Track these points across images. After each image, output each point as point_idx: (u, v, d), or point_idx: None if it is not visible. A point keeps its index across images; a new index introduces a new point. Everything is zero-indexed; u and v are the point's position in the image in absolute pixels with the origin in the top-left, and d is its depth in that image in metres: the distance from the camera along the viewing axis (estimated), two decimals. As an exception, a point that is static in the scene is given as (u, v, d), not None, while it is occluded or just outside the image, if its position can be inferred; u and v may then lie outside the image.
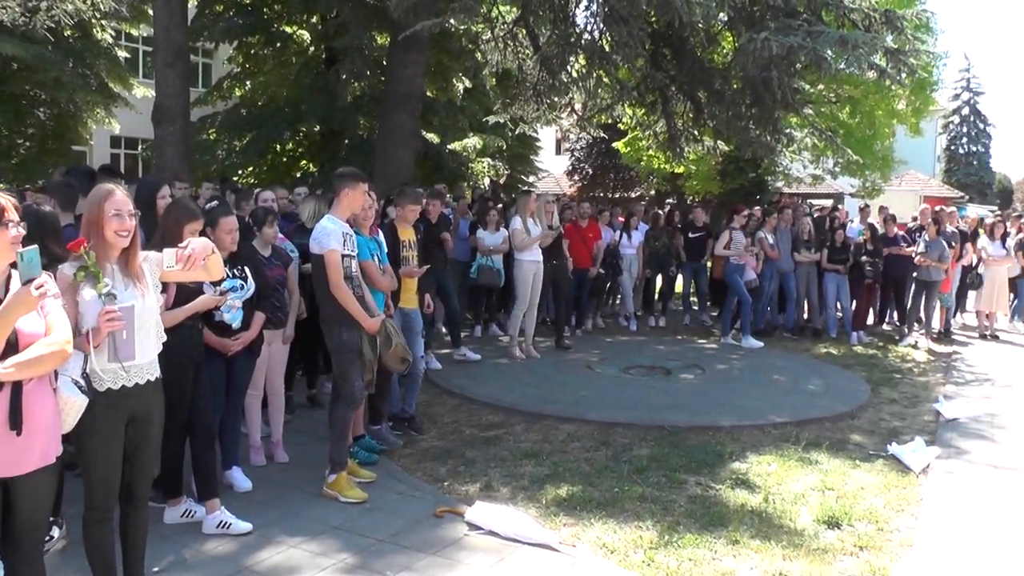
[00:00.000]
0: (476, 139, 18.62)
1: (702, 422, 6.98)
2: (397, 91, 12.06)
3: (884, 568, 4.36)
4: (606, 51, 11.18)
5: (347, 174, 5.46)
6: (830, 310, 11.92)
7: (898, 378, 9.35)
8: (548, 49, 11.35)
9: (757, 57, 9.57)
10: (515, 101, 13.16)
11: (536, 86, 12.33)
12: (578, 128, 15.48)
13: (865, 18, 10.56)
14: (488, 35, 12.55)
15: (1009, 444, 6.87)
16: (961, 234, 12.76)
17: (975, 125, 67.15)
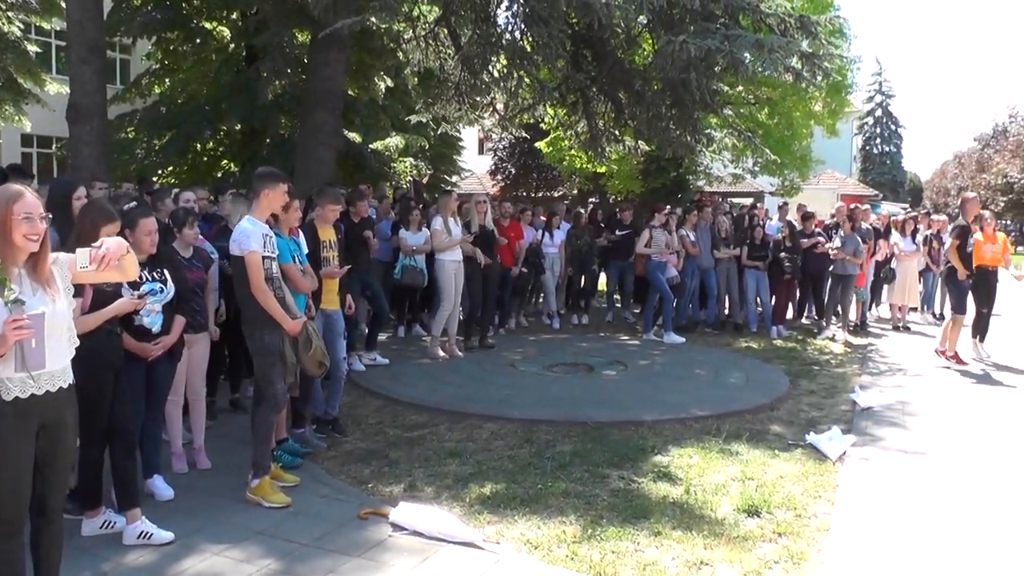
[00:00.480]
0: (398, 138, 18.56)
1: (625, 417, 7.08)
2: (318, 89, 11.97)
3: (801, 552, 4.50)
4: (527, 52, 11.27)
5: (267, 174, 5.40)
6: (750, 305, 12.26)
7: (816, 370, 9.66)
8: (469, 49, 11.38)
9: (676, 59, 9.76)
10: (437, 101, 13.16)
11: (458, 86, 12.35)
12: (500, 128, 15.54)
13: (781, 23, 10.85)
14: (410, 34, 12.51)
15: (919, 430, 7.15)
16: (875, 231, 13.23)
17: (888, 126, 69.76)
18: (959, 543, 4.70)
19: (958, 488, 5.66)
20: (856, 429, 7.04)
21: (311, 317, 5.92)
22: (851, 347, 11.32)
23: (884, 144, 69.66)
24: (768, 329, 11.95)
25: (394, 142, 18.47)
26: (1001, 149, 38.27)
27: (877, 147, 69.22)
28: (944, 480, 5.83)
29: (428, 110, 13.79)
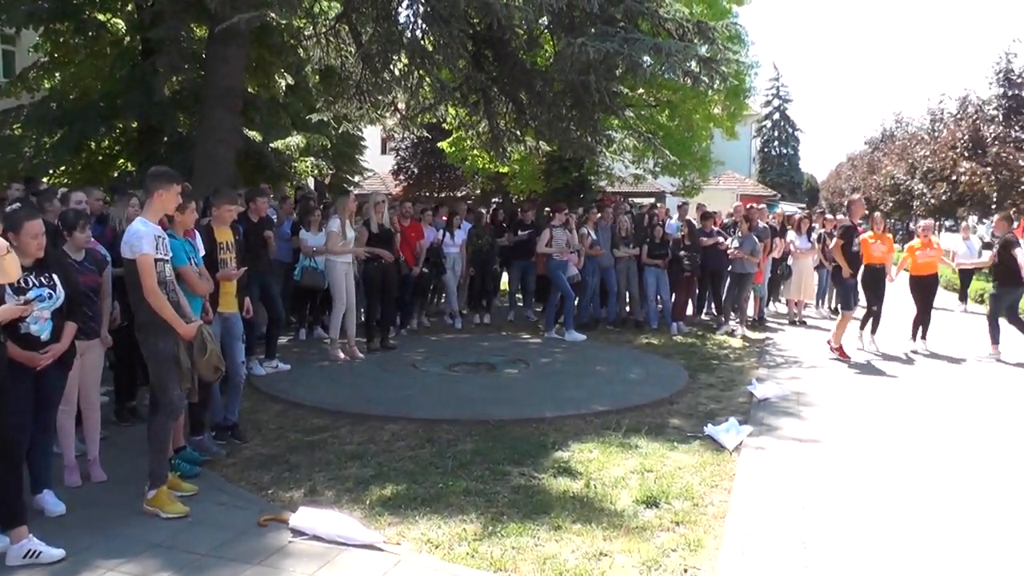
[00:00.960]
0: (299, 137, 18.21)
1: (526, 415, 7.16)
2: (217, 86, 11.68)
3: (698, 540, 4.64)
4: (428, 51, 11.26)
5: (159, 174, 5.24)
6: (650, 303, 12.48)
7: (715, 364, 9.94)
8: (370, 47, 11.31)
9: (575, 61, 9.91)
10: (338, 99, 13.02)
11: (359, 84, 12.23)
12: (402, 128, 15.43)
13: (679, 27, 11.09)
14: (310, 31, 12.36)
15: (814, 419, 7.47)
16: (771, 229, 13.66)
17: (785, 130, 72.13)
18: (850, 525, 4.91)
19: (850, 473, 5.93)
20: (753, 420, 7.29)
21: (208, 321, 5.80)
22: (749, 341, 11.69)
23: (782, 146, 71.97)
24: (668, 326, 12.23)
25: (295, 141, 18.11)
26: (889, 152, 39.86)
27: (775, 149, 71.48)
28: (836, 466, 6.09)
29: (329, 109, 13.63)
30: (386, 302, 10.33)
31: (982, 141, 24.15)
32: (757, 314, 13.37)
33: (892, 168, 34.62)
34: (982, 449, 6.65)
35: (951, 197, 25.26)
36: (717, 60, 11.27)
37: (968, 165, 23.90)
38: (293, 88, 18.00)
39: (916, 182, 29.44)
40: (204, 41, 13.17)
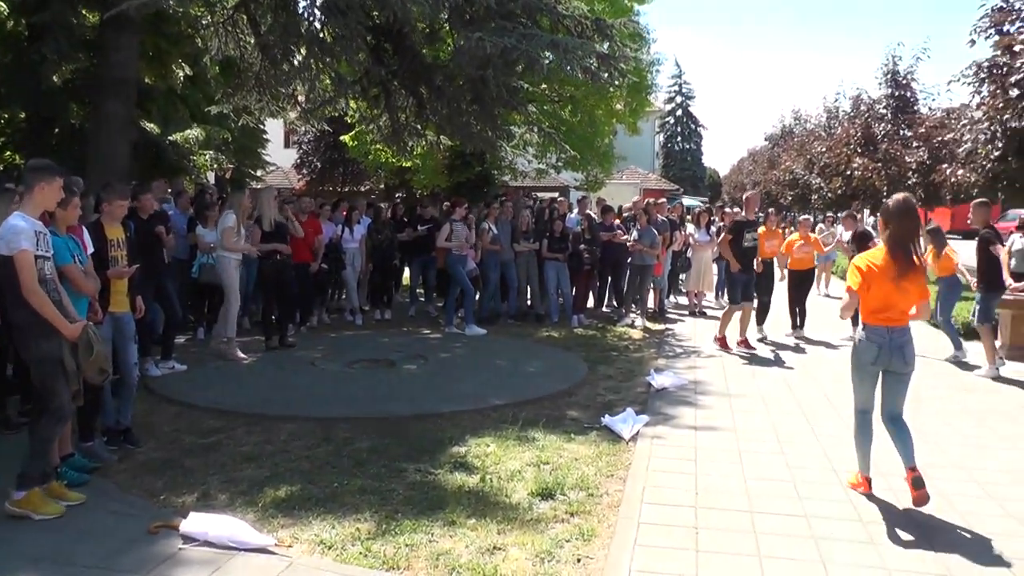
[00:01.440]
0: (199, 130, 17.68)
1: (424, 411, 7.14)
2: (110, 76, 11.26)
3: (592, 529, 4.71)
4: (327, 43, 11.10)
5: (40, 167, 5.02)
6: (551, 296, 12.61)
7: (615, 355, 10.10)
8: (269, 37, 11.08)
9: (473, 56, 9.92)
10: (238, 91, 12.71)
11: (258, 75, 11.98)
12: (302, 121, 15.17)
13: (578, 24, 11.21)
14: (207, 20, 12.03)
15: (710, 407, 7.66)
16: (670, 223, 13.92)
17: (688, 126, 73.78)
18: (743, 510, 5.06)
19: (744, 459, 6.09)
20: (650, 409, 7.42)
21: (98, 321, 5.59)
22: (649, 333, 11.91)
23: (685, 142, 73.59)
24: (569, 319, 12.36)
25: (194, 134, 17.57)
26: (788, 148, 41.02)
27: (678, 145, 73.03)
28: (731, 452, 6.25)
29: (229, 100, 13.29)
30: (283, 299, 10.15)
31: (873, 138, 25.10)
32: (657, 306, 13.64)
33: (791, 163, 35.67)
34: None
35: (846, 191, 26.14)
36: (616, 57, 11.42)
37: (861, 161, 24.80)
38: (192, 79, 17.45)
39: (814, 176, 30.38)
40: (97, 28, 12.65)
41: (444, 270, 12.05)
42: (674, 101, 73.27)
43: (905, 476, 5.22)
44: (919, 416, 7.63)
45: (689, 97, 74.80)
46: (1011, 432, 7.12)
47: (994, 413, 7.82)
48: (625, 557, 4.33)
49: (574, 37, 10.92)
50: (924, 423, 7.40)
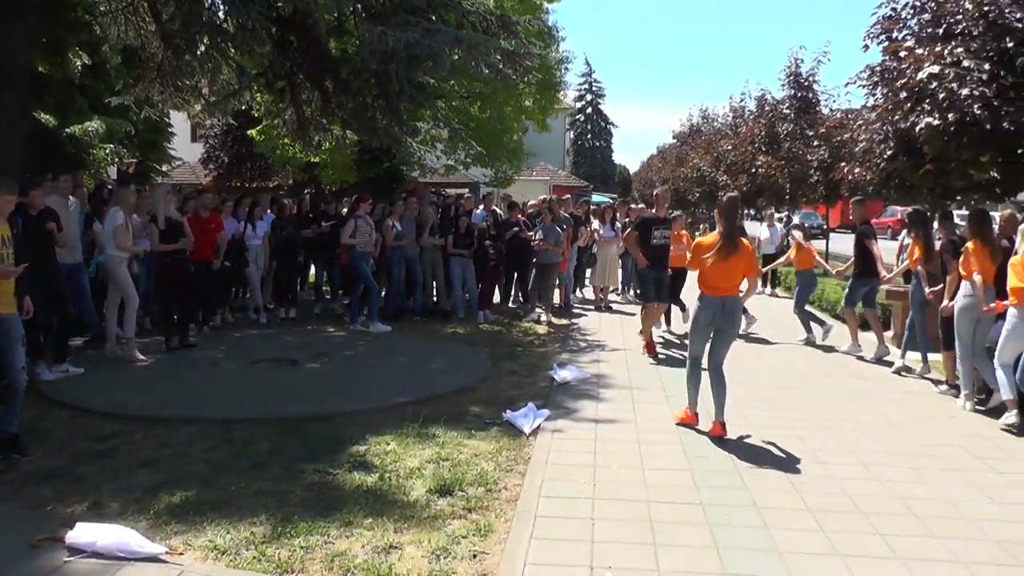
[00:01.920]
0: (99, 122, 17.04)
1: (325, 410, 7.03)
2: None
3: (489, 524, 4.71)
4: (230, 33, 10.80)
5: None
6: (457, 292, 12.55)
7: (519, 351, 10.12)
8: (171, 26, 10.72)
9: (376, 50, 9.80)
10: (139, 82, 12.28)
11: (160, 66, 11.59)
12: (206, 114, 14.71)
13: (483, 21, 11.20)
14: (106, 6, 11.57)
15: (611, 400, 7.74)
16: (575, 219, 14.02)
17: (598, 123, 74.58)
18: (639, 500, 5.11)
19: (642, 450, 6.17)
20: (552, 403, 7.45)
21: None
22: (554, 328, 11.96)
23: (595, 139, 74.40)
24: (475, 315, 12.34)
25: (94, 126, 16.90)
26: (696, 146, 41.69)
27: (588, 142, 73.80)
28: (630, 444, 6.32)
29: (130, 92, 12.82)
30: (184, 298, 9.86)
31: (777, 137, 25.65)
32: (563, 301, 13.73)
33: (699, 161, 36.27)
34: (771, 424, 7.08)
35: (751, 188, 26.68)
36: (521, 54, 11.43)
37: (764, 159, 25.34)
38: (92, 69, 16.80)
39: (720, 174, 30.94)
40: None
41: (349, 267, 11.84)
42: (584, 99, 74.01)
43: (712, 428, 6.63)
44: (813, 401, 7.95)
45: (600, 95, 75.62)
46: (895, 416, 7.45)
47: (881, 398, 8.16)
48: (520, 551, 4.33)
49: (479, 33, 10.91)
50: (817, 408, 7.70)
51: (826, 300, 13.93)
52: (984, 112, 9.47)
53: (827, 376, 9.16)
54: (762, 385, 8.61)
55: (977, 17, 10.22)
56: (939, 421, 7.37)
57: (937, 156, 10.18)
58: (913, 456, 6.25)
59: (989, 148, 9.82)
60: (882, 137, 11.42)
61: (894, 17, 11.66)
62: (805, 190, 24.25)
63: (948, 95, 9.69)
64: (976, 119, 9.51)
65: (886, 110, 11.23)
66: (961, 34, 10.37)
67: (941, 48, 10.13)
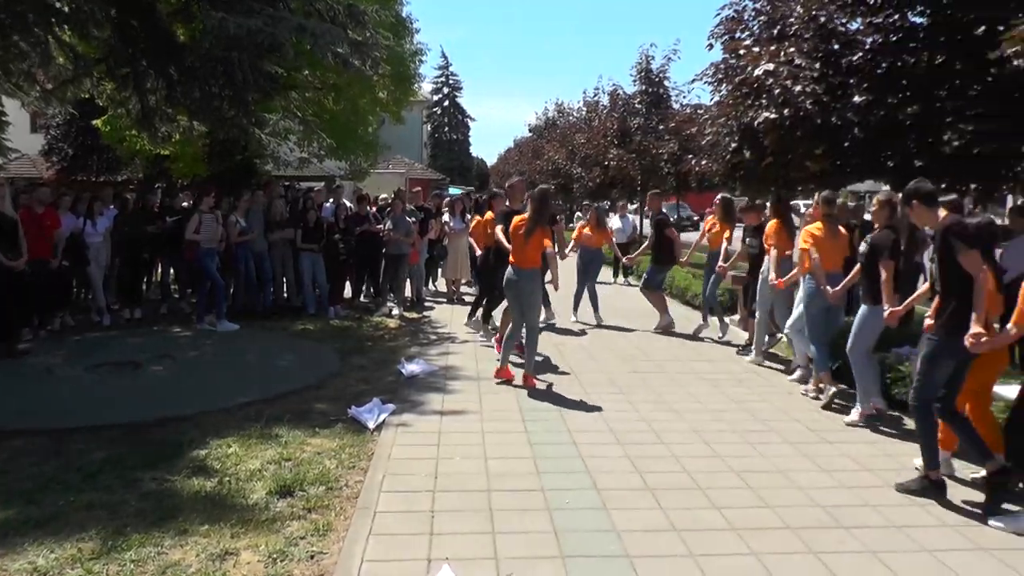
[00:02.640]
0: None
1: (166, 414, 6.72)
2: None
3: (329, 523, 4.62)
4: (64, 13, 10.12)
5: None
6: (307, 288, 12.17)
7: (369, 346, 9.96)
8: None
9: (218, 37, 9.43)
10: (-36, 66, 11.36)
11: (-12, 48, 10.74)
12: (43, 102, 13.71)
13: (330, 9, 10.94)
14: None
15: (458, 392, 7.73)
16: (425, 211, 13.93)
17: (455, 116, 74.53)
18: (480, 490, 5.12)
19: (486, 439, 6.19)
20: (398, 397, 7.38)
21: None
22: (406, 321, 11.84)
23: (452, 132, 74.37)
24: (325, 311, 12.03)
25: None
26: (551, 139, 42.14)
27: (446, 135, 73.71)
28: (474, 434, 6.33)
29: (-48, 77, 11.85)
30: (15, 300, 9.19)
31: (629, 131, 26.23)
32: (415, 295, 13.59)
33: (554, 154, 36.70)
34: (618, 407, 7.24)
35: (604, 180, 27.19)
36: (369, 45, 11.25)
37: (616, 152, 25.89)
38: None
39: (575, 166, 31.42)
40: None
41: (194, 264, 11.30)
42: (441, 92, 73.83)
43: (524, 380, 7.92)
44: (661, 384, 8.19)
45: (456, 88, 75.61)
46: (739, 395, 7.80)
47: (727, 379, 8.50)
48: (358, 549, 4.27)
49: (326, 23, 10.66)
50: (664, 390, 7.94)
51: (676, 287, 14.41)
52: (815, 107, 9.98)
53: (676, 359, 9.46)
54: (611, 370, 8.81)
55: (808, 20, 10.75)
56: (780, 398, 7.75)
57: (777, 149, 10.67)
58: (753, 432, 6.56)
59: (822, 141, 10.39)
60: (727, 131, 11.87)
61: (737, 18, 12.13)
62: (656, 182, 24.98)
63: (783, 91, 10.16)
64: (808, 114, 10.01)
65: (729, 105, 11.68)
66: (795, 35, 10.89)
67: (776, 48, 10.60)
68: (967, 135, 9.18)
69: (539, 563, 4.13)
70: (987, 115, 9.16)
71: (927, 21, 10.30)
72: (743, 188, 14.03)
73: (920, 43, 10.10)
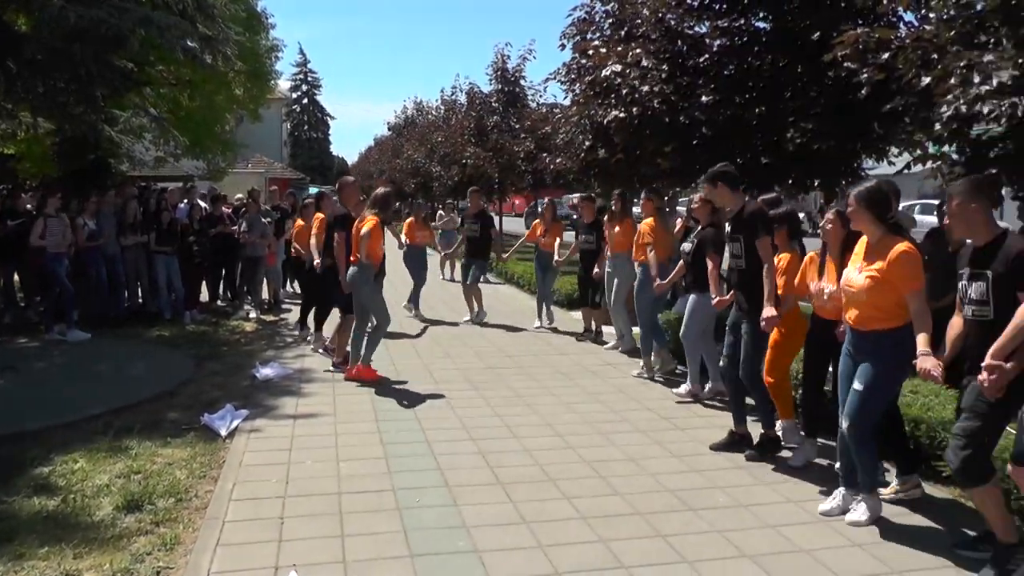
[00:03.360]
0: None
1: (5, 431, 6.27)
2: None
3: (176, 536, 4.46)
4: None
5: None
6: (162, 292, 11.62)
7: (225, 350, 9.66)
8: None
9: (57, 27, 8.94)
10: None
11: None
12: None
13: (178, 2, 10.53)
14: None
15: (313, 395, 7.62)
16: (282, 211, 13.62)
17: (314, 114, 73.09)
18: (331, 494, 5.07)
19: (339, 442, 6.13)
20: (252, 402, 7.22)
21: None
22: (263, 325, 11.55)
23: (312, 131, 72.95)
24: (181, 315, 11.52)
25: None
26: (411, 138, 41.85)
27: (306, 133, 72.23)
28: (327, 436, 6.28)
29: None
30: None
31: (485, 129, 26.30)
32: (273, 297, 13.22)
33: (413, 152, 36.42)
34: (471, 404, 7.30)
35: (462, 178, 27.19)
36: (220, 40, 10.90)
37: (474, 150, 25.92)
38: None
39: (434, 165, 31.28)
40: None
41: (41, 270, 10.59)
42: (300, 89, 72.18)
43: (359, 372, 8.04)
44: (516, 379, 8.32)
45: (316, 86, 74.15)
46: (593, 387, 8.00)
47: (581, 372, 8.71)
48: (204, 561, 4.16)
49: (174, 16, 10.27)
50: (519, 385, 8.07)
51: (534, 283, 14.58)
52: (663, 107, 10.30)
53: (531, 355, 9.62)
54: (466, 367, 8.89)
55: (655, 23, 11.07)
56: (634, 388, 8.00)
57: (627, 147, 10.96)
58: (606, 423, 6.73)
59: (670, 139, 10.72)
60: (580, 129, 12.07)
61: (588, 19, 12.37)
62: (514, 180, 25.20)
63: (631, 91, 10.40)
64: (656, 113, 10.33)
65: (581, 104, 11.91)
66: (642, 36, 11.19)
67: (624, 49, 10.86)
68: (808, 134, 9.66)
69: (387, 564, 4.14)
70: (825, 115, 9.70)
71: (770, 26, 10.76)
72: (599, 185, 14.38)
73: (764, 47, 10.54)
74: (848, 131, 9.74)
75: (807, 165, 10.37)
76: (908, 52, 6.60)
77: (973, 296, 4.12)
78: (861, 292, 4.50)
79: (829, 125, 9.63)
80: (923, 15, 7.36)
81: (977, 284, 4.10)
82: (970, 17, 6.14)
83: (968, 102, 5.76)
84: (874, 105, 8.32)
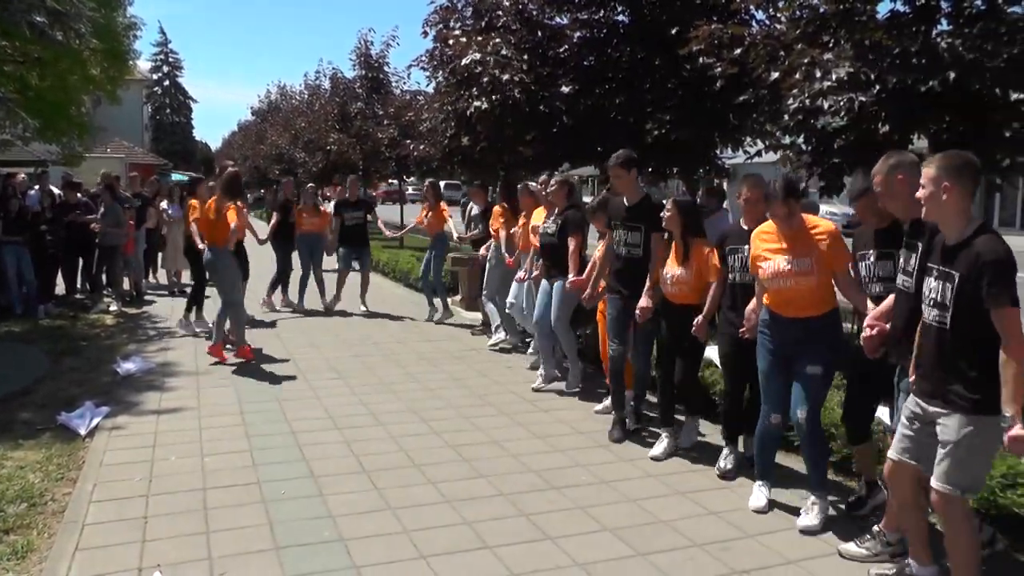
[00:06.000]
0: None
1: None
2: None
3: (29, 543, 4.19)
4: None
5: None
6: (12, 285, 10.75)
7: (84, 345, 9.11)
8: None
9: None
10: None
11: None
12: None
13: (24, -28, 9.86)
14: None
15: (177, 389, 7.31)
16: (142, 198, 12.99)
17: (176, 97, 69.61)
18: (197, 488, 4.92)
19: (203, 436, 5.95)
20: (113, 398, 6.87)
21: None
22: (124, 317, 10.94)
23: (174, 115, 69.41)
24: (34, 309, 10.69)
25: None
26: (274, 123, 40.60)
27: (168, 117, 68.65)
28: (191, 431, 6.06)
29: None
30: None
31: (349, 115, 25.80)
32: (134, 288, 12.57)
33: (277, 138, 35.35)
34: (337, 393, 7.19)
35: (327, 165, 26.62)
36: (71, 15, 10.26)
37: (337, 136, 25.40)
38: None
39: (298, 151, 30.47)
40: None
41: None
42: (161, 71, 68.59)
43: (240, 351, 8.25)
44: (383, 367, 8.26)
45: (177, 67, 70.55)
46: (458, 373, 8.01)
47: (447, 357, 8.72)
48: (62, 567, 3.93)
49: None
50: (385, 373, 8.01)
51: (399, 270, 14.54)
52: (524, 96, 10.36)
53: (400, 343, 9.53)
54: (332, 356, 8.76)
55: (515, 13, 11.11)
56: (498, 372, 8.07)
57: (490, 135, 10.97)
58: (470, 407, 6.78)
59: (532, 128, 10.81)
60: (443, 117, 11.99)
61: (451, 7, 12.28)
62: (378, 166, 24.88)
63: (492, 80, 10.42)
64: (517, 102, 10.37)
65: (444, 92, 11.84)
66: (503, 27, 11.21)
67: (484, 38, 10.85)
68: (666, 124, 9.96)
69: (253, 558, 4.04)
70: (682, 106, 10.01)
71: (629, 20, 10.99)
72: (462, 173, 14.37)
73: (623, 39, 10.76)
74: (705, 121, 10.13)
75: (666, 154, 10.71)
76: (759, 48, 6.96)
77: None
78: (806, 279, 4.37)
79: (686, 116, 9.98)
80: (773, 14, 7.71)
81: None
82: (814, 18, 6.52)
83: (811, 96, 6.14)
84: (729, 97, 8.68)
